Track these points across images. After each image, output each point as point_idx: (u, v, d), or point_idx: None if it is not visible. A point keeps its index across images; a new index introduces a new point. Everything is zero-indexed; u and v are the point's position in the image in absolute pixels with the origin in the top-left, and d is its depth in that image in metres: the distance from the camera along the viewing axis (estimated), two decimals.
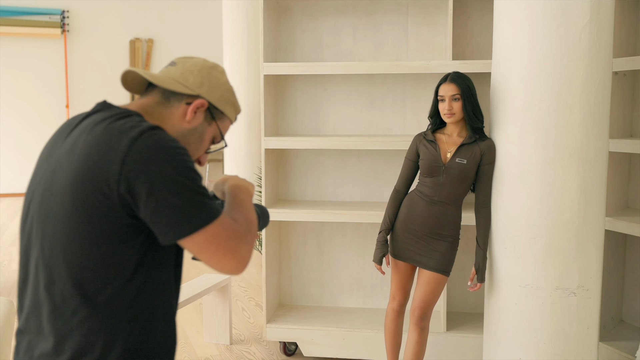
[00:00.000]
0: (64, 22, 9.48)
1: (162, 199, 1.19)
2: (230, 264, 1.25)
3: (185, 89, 1.40)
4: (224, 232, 1.24)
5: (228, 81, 1.48)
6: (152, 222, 1.22)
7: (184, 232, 1.21)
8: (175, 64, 1.44)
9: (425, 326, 2.89)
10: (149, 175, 1.19)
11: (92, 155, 1.22)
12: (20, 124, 9.51)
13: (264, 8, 3.45)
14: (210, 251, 1.24)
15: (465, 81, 2.81)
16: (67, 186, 1.23)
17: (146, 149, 1.21)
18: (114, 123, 1.26)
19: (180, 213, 1.20)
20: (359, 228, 3.83)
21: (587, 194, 2.68)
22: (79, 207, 1.22)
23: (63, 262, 1.24)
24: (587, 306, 2.75)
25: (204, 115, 1.42)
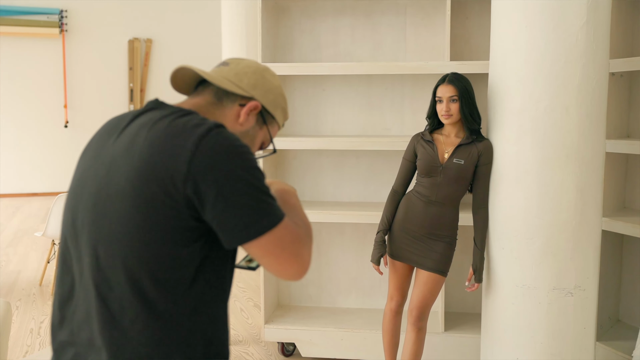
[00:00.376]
0: (62, 22, 9.48)
1: (231, 199, 1.14)
2: (294, 268, 1.20)
3: (240, 90, 1.35)
4: (289, 235, 1.19)
5: (280, 85, 1.43)
6: (219, 225, 1.16)
7: (252, 234, 1.15)
8: (228, 64, 1.39)
9: (422, 326, 2.90)
10: (217, 175, 1.14)
11: (155, 154, 1.16)
12: (19, 123, 9.51)
13: (262, 8, 3.46)
14: (275, 255, 1.18)
15: (463, 82, 2.82)
16: (127, 186, 1.16)
17: (214, 147, 1.16)
18: (177, 120, 1.21)
19: (249, 215, 1.15)
20: (357, 228, 3.84)
21: (583, 194, 2.69)
22: (141, 208, 1.15)
23: (122, 268, 1.17)
24: (584, 306, 2.76)
25: (256, 119, 1.37)
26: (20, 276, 5.40)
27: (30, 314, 4.43)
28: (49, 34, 9.39)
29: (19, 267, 5.69)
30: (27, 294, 4.91)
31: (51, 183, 9.57)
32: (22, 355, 3.74)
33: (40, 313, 4.46)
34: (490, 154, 2.81)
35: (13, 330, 4.12)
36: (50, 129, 9.61)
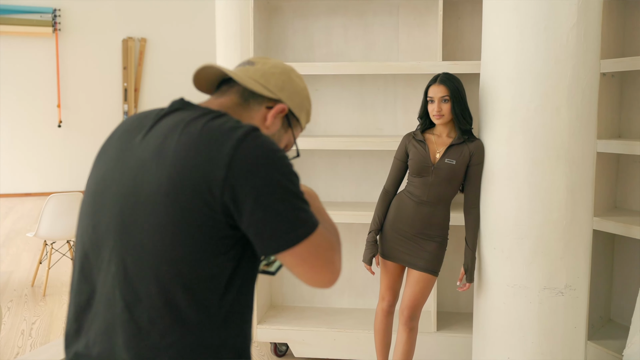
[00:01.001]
0: (55, 21, 9.45)
1: (270, 207, 1.10)
2: (327, 276, 1.17)
3: (267, 92, 1.30)
4: (324, 243, 1.16)
5: (306, 87, 1.39)
6: (256, 232, 1.12)
7: (290, 242, 1.12)
8: (254, 64, 1.34)
9: (414, 326, 2.90)
10: (256, 181, 1.10)
11: (190, 158, 1.11)
12: (12, 123, 9.47)
13: (255, 8, 3.46)
14: (310, 263, 1.15)
15: (455, 83, 2.83)
16: (159, 193, 1.11)
17: (253, 152, 1.12)
18: (211, 122, 1.16)
19: (287, 222, 1.11)
20: (350, 228, 3.84)
21: (574, 194, 2.70)
22: (176, 216, 1.10)
23: (153, 278, 1.11)
24: (575, 306, 2.77)
25: (282, 122, 1.33)
26: (12, 277, 5.38)
27: (21, 315, 4.42)
28: (42, 33, 9.36)
29: (11, 267, 5.67)
30: (18, 295, 4.90)
31: (45, 183, 9.54)
32: (12, 357, 3.73)
33: (32, 314, 4.45)
34: (481, 154, 2.81)
35: (4, 332, 4.10)
36: (43, 129, 9.58)
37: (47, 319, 4.34)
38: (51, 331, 4.15)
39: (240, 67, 1.35)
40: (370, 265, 2.96)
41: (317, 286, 1.19)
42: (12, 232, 7.10)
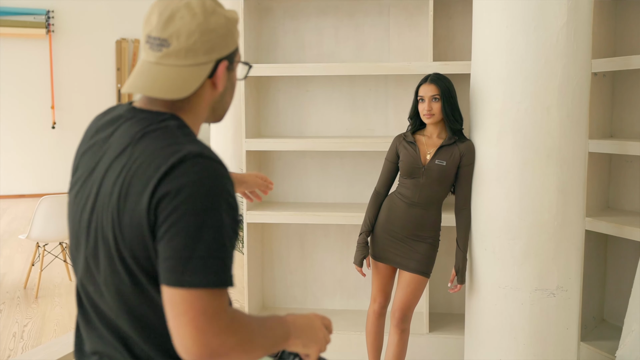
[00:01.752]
0: (49, 22, 9.41)
1: (177, 236, 1.04)
2: (188, 345, 1.03)
3: (203, 71, 1.17)
4: (210, 310, 1.04)
5: (223, 12, 1.20)
6: (160, 257, 1.07)
7: (174, 282, 1.04)
8: (168, 44, 1.16)
9: (405, 328, 2.89)
10: (176, 206, 1.05)
11: (130, 198, 1.10)
12: (6, 124, 9.43)
13: (245, 9, 3.44)
14: (179, 317, 1.04)
15: (445, 82, 2.81)
16: (108, 231, 1.12)
17: (181, 179, 1.06)
18: (147, 149, 1.11)
19: (183, 260, 1.04)
20: (342, 229, 3.83)
21: (565, 194, 2.69)
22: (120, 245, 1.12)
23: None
24: (567, 307, 2.76)
25: (227, 70, 1.24)
26: (5, 279, 5.35)
27: (13, 318, 4.39)
28: (35, 35, 9.32)
29: (4, 269, 5.64)
30: (11, 297, 4.87)
31: (39, 184, 9.50)
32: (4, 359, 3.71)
33: (24, 317, 4.42)
34: (472, 155, 2.80)
35: None
36: (37, 130, 9.54)
37: (39, 322, 4.32)
38: (43, 333, 4.12)
39: (157, 53, 1.17)
40: (361, 267, 2.94)
41: (178, 350, 1.05)
42: (6, 234, 7.06)
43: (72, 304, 4.66)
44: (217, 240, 1.05)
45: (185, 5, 1.16)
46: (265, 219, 3.55)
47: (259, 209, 3.57)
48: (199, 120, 1.23)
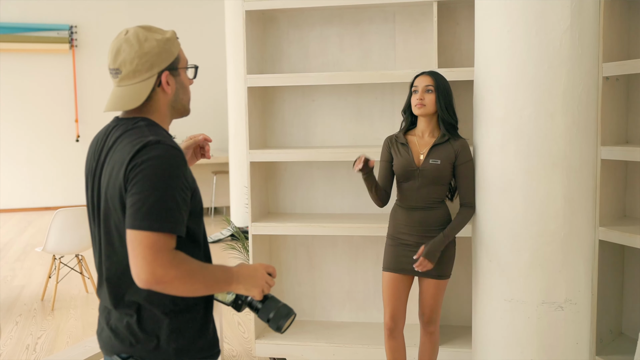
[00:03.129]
0: (72, 37, 9.57)
1: (140, 190, 1.41)
2: (139, 272, 1.39)
3: (148, 84, 1.55)
4: (156, 246, 1.39)
5: (155, 37, 1.56)
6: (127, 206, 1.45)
7: (131, 225, 1.40)
8: (120, 71, 1.56)
9: (433, 331, 2.86)
10: (141, 172, 1.43)
11: (115, 170, 1.51)
12: (31, 138, 9.60)
13: (247, 19, 3.42)
14: (134, 253, 1.40)
15: (442, 78, 2.78)
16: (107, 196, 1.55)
17: (144, 157, 1.45)
18: (126, 139, 1.52)
19: (141, 207, 1.40)
20: (349, 241, 3.76)
21: (572, 204, 2.59)
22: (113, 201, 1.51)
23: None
24: (576, 321, 2.65)
25: (173, 77, 1.59)
26: (24, 291, 5.41)
27: (28, 330, 4.42)
28: (59, 50, 9.49)
29: (23, 281, 5.71)
30: (28, 309, 4.91)
31: (63, 197, 9.63)
32: None
33: (39, 329, 4.45)
34: (467, 152, 2.74)
35: (10, 346, 4.11)
36: (61, 144, 9.69)
37: (52, 334, 4.34)
38: (55, 346, 4.14)
39: (115, 80, 1.58)
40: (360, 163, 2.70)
41: (133, 278, 1.41)
42: (29, 246, 7.16)
43: (87, 316, 4.68)
44: (164, 198, 1.41)
45: (125, 40, 1.57)
46: (271, 231, 3.50)
47: (266, 221, 3.54)
48: (165, 118, 1.63)
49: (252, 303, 1.62)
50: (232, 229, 5.37)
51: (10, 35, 9.28)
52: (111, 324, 1.59)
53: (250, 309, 1.63)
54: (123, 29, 1.62)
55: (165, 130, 1.60)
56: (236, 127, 7.27)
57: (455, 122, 2.78)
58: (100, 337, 1.65)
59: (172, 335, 1.54)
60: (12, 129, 9.54)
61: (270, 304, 1.61)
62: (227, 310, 4.69)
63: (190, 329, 1.57)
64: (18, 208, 9.61)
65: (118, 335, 1.57)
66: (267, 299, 1.61)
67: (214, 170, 8.82)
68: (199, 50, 9.85)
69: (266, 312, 1.60)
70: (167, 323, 1.54)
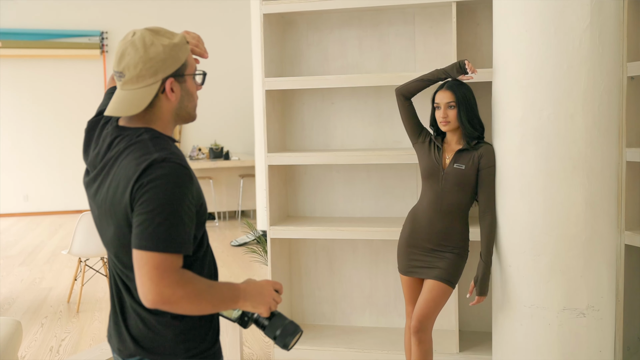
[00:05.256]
0: (103, 43, 9.73)
1: (146, 211, 1.40)
2: (145, 292, 1.38)
3: (151, 90, 1.51)
4: (162, 266, 1.39)
5: (160, 42, 1.51)
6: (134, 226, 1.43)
7: (137, 245, 1.39)
8: (124, 75, 1.52)
9: (423, 339, 2.71)
10: (148, 193, 1.41)
11: (119, 188, 1.48)
12: (62, 143, 9.78)
13: (266, 22, 3.42)
14: (140, 273, 1.39)
15: (463, 90, 2.71)
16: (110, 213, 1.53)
17: (151, 177, 1.42)
18: (129, 157, 1.49)
19: (147, 228, 1.39)
20: (370, 244, 3.73)
21: (594, 207, 2.51)
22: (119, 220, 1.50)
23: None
24: (599, 328, 2.57)
25: (179, 83, 1.55)
26: (51, 293, 5.49)
27: (53, 332, 4.48)
28: (90, 55, 9.66)
29: (51, 284, 5.80)
30: (54, 311, 4.98)
31: None
32: None
33: (63, 331, 4.51)
34: (491, 157, 2.67)
35: (34, 348, 4.17)
36: None
37: (76, 336, 4.39)
38: (78, 348, 4.18)
39: (119, 83, 1.54)
40: None
41: (140, 297, 1.40)
42: (58, 249, 7.28)
43: None
44: (170, 218, 1.40)
45: (131, 43, 1.52)
46: (290, 234, 3.49)
47: (286, 224, 3.52)
48: (168, 125, 1.58)
49: (258, 320, 1.59)
50: (253, 233, 5.38)
51: (42, 41, 9.48)
52: (121, 324, 1.60)
53: (256, 325, 1.61)
54: (130, 30, 1.56)
55: (170, 139, 1.56)
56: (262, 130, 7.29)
57: (480, 132, 2.73)
58: (110, 341, 1.66)
59: (180, 336, 1.54)
60: (44, 133, 9.74)
61: (277, 322, 1.59)
62: None
63: (199, 328, 1.57)
64: (50, 211, 9.80)
65: (127, 338, 1.58)
66: (273, 315, 1.59)
67: (240, 173, 8.85)
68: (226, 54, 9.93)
69: (273, 330, 1.58)
70: (176, 325, 1.54)
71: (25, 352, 4.09)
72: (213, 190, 8.68)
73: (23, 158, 9.72)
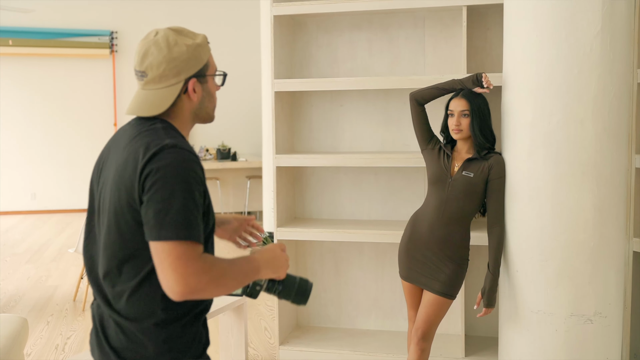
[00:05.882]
0: (112, 43, 9.77)
1: (159, 200, 1.36)
2: (172, 285, 1.34)
3: (174, 90, 1.50)
4: (184, 254, 1.35)
5: (185, 42, 1.51)
6: (144, 218, 1.40)
7: (157, 236, 1.36)
8: (146, 74, 1.51)
9: (425, 348, 2.74)
10: (157, 179, 1.38)
11: (125, 172, 1.45)
12: (71, 141, 9.82)
13: (276, 24, 3.42)
14: (163, 265, 1.35)
15: (478, 99, 2.69)
16: (109, 199, 1.49)
17: (160, 161, 1.40)
18: (142, 140, 1.47)
19: (163, 218, 1.35)
20: (376, 247, 3.72)
21: (602, 213, 2.50)
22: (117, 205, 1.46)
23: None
24: (606, 334, 2.56)
25: (201, 84, 1.55)
26: (57, 291, 5.51)
27: (59, 330, 4.50)
28: (99, 55, 9.69)
29: (57, 282, 5.81)
30: (60, 309, 5.00)
31: None
32: None
33: (69, 329, 4.52)
34: (501, 168, 2.66)
35: (39, 346, 4.18)
36: (100, 147, 9.84)
37: (81, 334, 4.40)
38: (83, 346, 4.19)
39: (141, 82, 1.54)
40: None
41: (165, 291, 1.36)
42: (65, 247, 7.30)
43: None
44: (186, 205, 1.36)
45: (154, 42, 1.51)
46: (297, 236, 3.49)
47: (292, 226, 3.52)
48: (186, 124, 1.58)
49: (271, 287, 1.60)
50: (260, 234, 5.36)
51: (52, 40, 9.52)
52: (101, 337, 1.53)
53: (269, 292, 1.61)
54: (152, 30, 1.55)
55: (182, 135, 1.54)
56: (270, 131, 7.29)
57: (491, 143, 2.71)
58: (93, 355, 1.58)
59: (164, 345, 1.48)
60: (53, 131, 9.78)
61: (290, 283, 1.62)
62: (253, 315, 4.69)
63: (183, 337, 1.50)
64: (57, 209, 9.83)
65: (108, 350, 1.51)
66: (284, 278, 1.62)
67: (247, 174, 8.86)
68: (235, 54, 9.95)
69: (289, 292, 1.61)
70: (158, 334, 1.47)
71: (30, 350, 4.11)
72: (220, 191, 8.69)
73: (31, 156, 9.76)
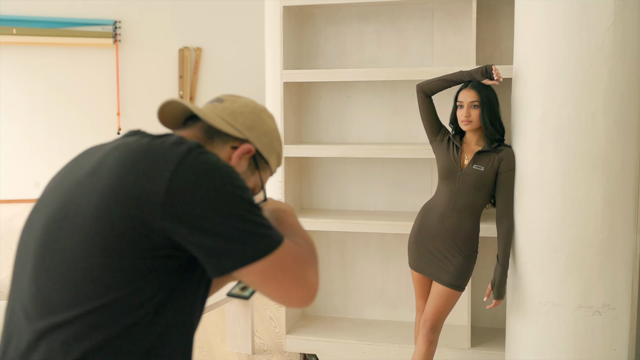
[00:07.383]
0: (116, 32, 9.74)
1: (221, 222, 1.05)
2: (300, 293, 1.10)
3: (234, 131, 1.25)
4: (290, 257, 1.09)
5: (277, 129, 1.35)
6: (205, 250, 1.05)
7: (249, 258, 1.06)
8: (223, 101, 1.30)
9: (434, 339, 2.78)
10: (202, 196, 1.05)
11: (126, 173, 1.07)
12: (74, 130, 9.82)
13: (285, 15, 3.42)
14: (276, 280, 1.08)
15: (487, 91, 2.70)
16: (89, 208, 1.07)
17: (197, 167, 1.07)
18: (153, 141, 1.13)
19: (243, 237, 1.05)
20: (383, 238, 3.74)
21: (612, 206, 2.52)
22: (105, 231, 1.05)
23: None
24: (614, 326, 2.58)
25: (248, 163, 1.28)
26: None
27: None
28: (103, 44, 9.67)
29: None
30: None
31: None
32: None
33: None
34: (511, 161, 2.67)
35: None
36: (103, 136, 9.88)
37: None
38: None
39: (208, 104, 1.31)
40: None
41: (292, 305, 1.12)
42: None
43: None
44: (252, 206, 1.09)
45: (253, 104, 1.32)
46: (304, 226, 3.50)
47: (299, 216, 3.54)
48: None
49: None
50: None
51: (56, 29, 9.50)
52: None
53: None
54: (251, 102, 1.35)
55: None
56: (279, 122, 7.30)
57: (501, 134, 2.72)
58: None
59: None
60: (56, 120, 9.78)
61: None
62: (259, 305, 4.71)
63: None
64: None
65: None
66: None
67: None
68: (239, 45, 9.94)
69: None
70: None
71: None
72: None
73: (35, 145, 9.77)
